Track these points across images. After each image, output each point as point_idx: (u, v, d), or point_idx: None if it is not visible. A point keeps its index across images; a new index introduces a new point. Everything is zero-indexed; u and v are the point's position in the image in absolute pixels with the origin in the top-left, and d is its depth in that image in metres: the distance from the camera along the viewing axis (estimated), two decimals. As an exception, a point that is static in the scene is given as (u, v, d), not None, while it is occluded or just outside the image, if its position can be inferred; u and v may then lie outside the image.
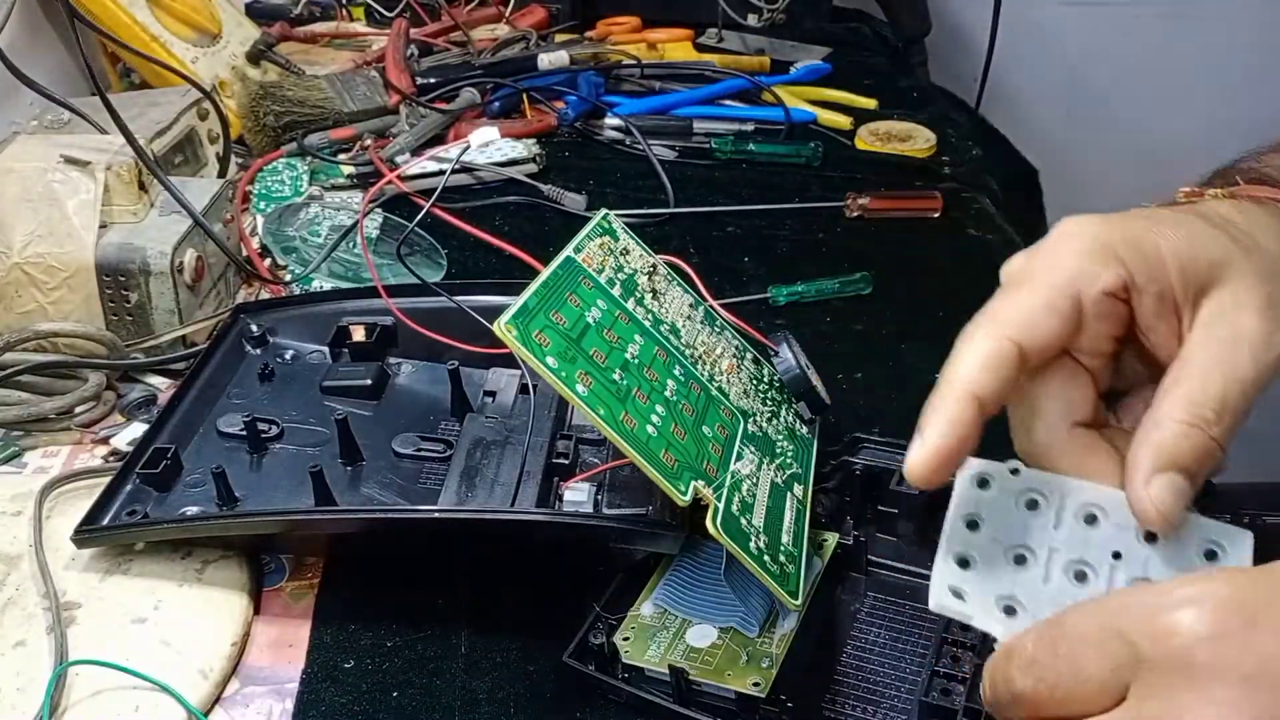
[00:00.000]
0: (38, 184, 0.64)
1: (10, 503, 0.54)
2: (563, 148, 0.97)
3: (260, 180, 0.85)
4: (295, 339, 0.63)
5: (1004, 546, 0.37)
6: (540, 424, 0.54)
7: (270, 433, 0.56)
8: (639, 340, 0.47)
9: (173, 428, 0.56)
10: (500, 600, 0.50)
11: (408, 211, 0.84)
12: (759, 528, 0.44)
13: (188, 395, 0.58)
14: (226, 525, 0.51)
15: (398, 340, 0.61)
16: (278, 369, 0.61)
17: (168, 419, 0.56)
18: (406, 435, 0.56)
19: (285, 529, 0.51)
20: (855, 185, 0.87)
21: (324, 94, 0.94)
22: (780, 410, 0.53)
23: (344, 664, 0.47)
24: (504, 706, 0.45)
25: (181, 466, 0.54)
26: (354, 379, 0.58)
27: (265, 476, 0.54)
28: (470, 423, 0.55)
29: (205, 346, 0.62)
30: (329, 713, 0.45)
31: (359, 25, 1.21)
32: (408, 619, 0.49)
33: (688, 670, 0.42)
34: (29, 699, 0.44)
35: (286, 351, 0.62)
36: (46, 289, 0.64)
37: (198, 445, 0.56)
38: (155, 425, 0.56)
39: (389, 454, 0.55)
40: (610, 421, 0.42)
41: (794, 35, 1.24)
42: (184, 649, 0.47)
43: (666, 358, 0.48)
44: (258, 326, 0.63)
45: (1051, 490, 0.37)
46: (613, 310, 0.47)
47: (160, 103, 0.79)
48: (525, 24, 1.20)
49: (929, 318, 0.70)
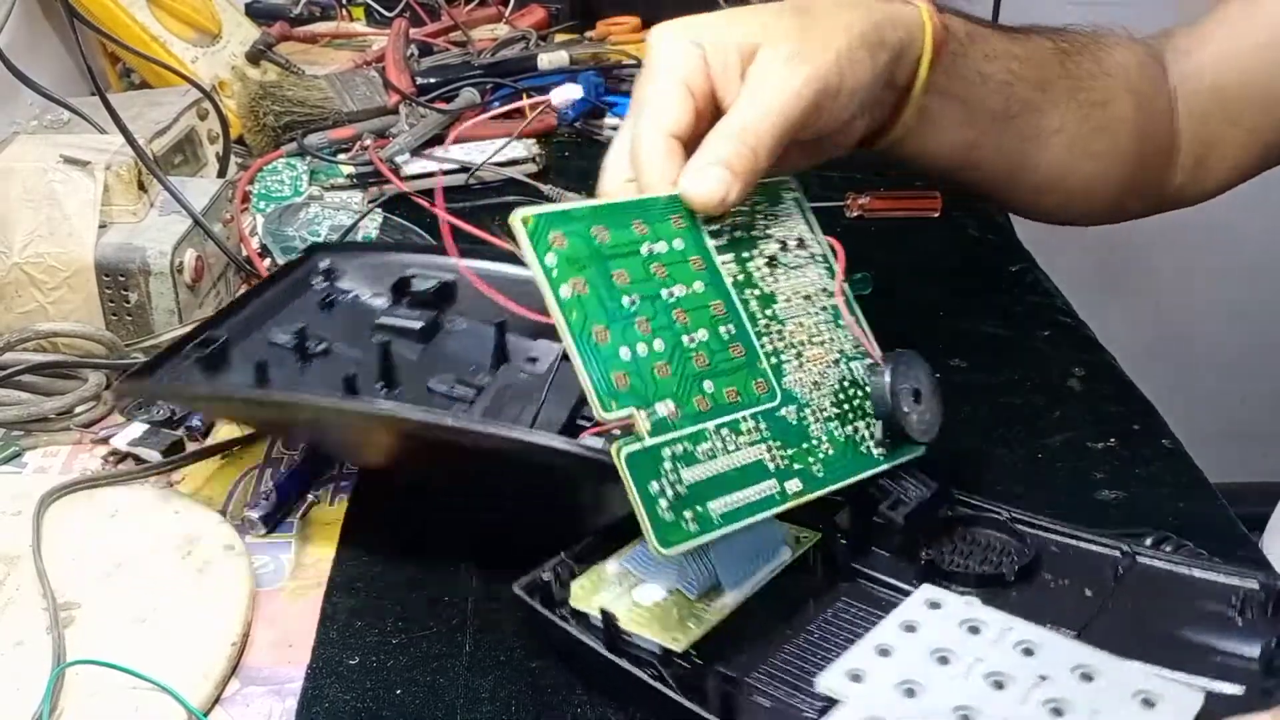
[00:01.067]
0: (38, 184, 0.64)
1: (10, 503, 0.54)
2: (563, 148, 0.97)
3: (260, 180, 0.85)
4: (361, 284, 0.65)
5: (931, 648, 0.37)
6: (571, 382, 0.52)
7: (317, 349, 0.58)
8: (696, 286, 0.45)
9: (227, 326, 0.58)
10: (504, 599, 0.50)
11: (407, 211, 0.84)
12: (681, 479, 0.42)
13: (247, 307, 0.60)
14: (255, 403, 0.55)
15: (456, 297, 0.63)
16: (338, 303, 0.63)
17: (223, 320, 0.59)
18: (444, 376, 0.57)
19: (307, 415, 0.53)
20: (855, 185, 0.86)
21: (324, 94, 0.94)
22: (852, 419, 0.49)
23: (349, 660, 0.47)
24: (505, 705, 0.45)
25: (229, 361, 0.56)
26: (407, 321, 0.61)
27: (303, 383, 0.57)
28: (504, 370, 0.57)
29: (273, 273, 0.65)
30: (333, 709, 0.45)
31: (359, 25, 1.22)
32: (413, 617, 0.50)
33: (617, 617, 0.43)
34: (28, 699, 0.43)
35: (349, 294, 0.64)
36: (46, 289, 0.64)
37: (247, 349, 0.58)
38: (211, 321, 0.59)
39: (423, 389, 0.57)
40: (575, 326, 0.40)
41: (794, 35, 1.24)
42: (184, 649, 0.47)
43: (722, 313, 0.45)
44: (326, 262, 0.65)
45: (997, 622, 0.37)
46: (688, 252, 0.45)
47: (160, 103, 0.79)
48: (525, 24, 1.20)
49: (929, 317, 0.70)
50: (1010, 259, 0.80)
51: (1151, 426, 0.62)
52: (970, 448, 0.59)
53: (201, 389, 0.56)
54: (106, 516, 0.54)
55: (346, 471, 0.59)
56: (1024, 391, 0.65)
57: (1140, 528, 0.49)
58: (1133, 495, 0.56)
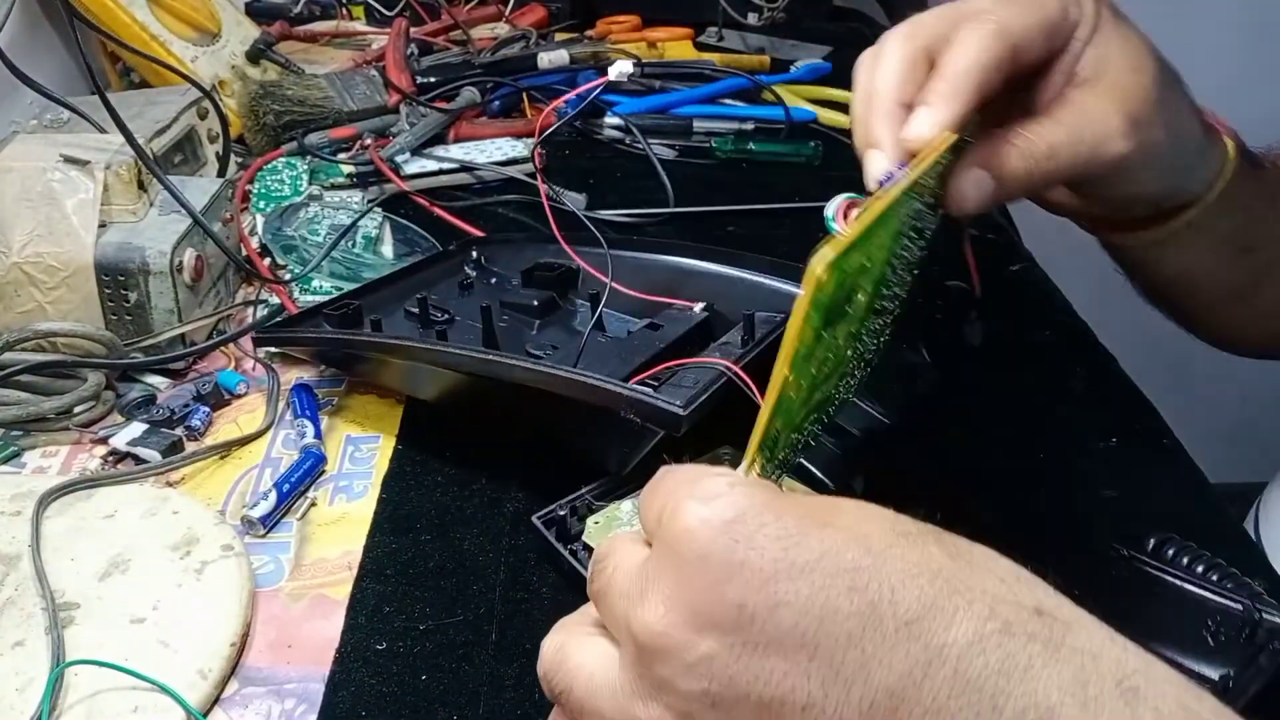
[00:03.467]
0: (37, 183, 0.64)
1: (9, 503, 0.54)
2: (563, 147, 0.97)
3: (260, 179, 0.85)
4: (505, 270, 0.73)
5: None
6: (647, 347, 0.57)
7: (440, 319, 0.66)
8: (868, 291, 0.39)
9: (369, 298, 0.68)
10: (531, 588, 0.51)
11: (407, 210, 0.84)
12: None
13: (394, 284, 0.71)
14: (360, 344, 0.62)
15: (578, 283, 0.69)
16: (477, 286, 0.72)
17: (367, 292, 0.69)
18: (543, 343, 0.63)
19: (409, 355, 0.59)
20: (855, 184, 0.86)
21: (324, 93, 0.94)
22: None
23: (376, 645, 0.48)
24: (529, 692, 0.46)
25: (361, 323, 0.65)
26: (526, 299, 0.67)
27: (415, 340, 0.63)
28: (590, 337, 0.61)
29: (428, 256, 0.75)
30: (359, 692, 0.46)
31: (359, 24, 1.22)
32: (441, 604, 0.50)
33: None
34: (28, 699, 0.44)
35: (493, 277, 0.73)
36: (46, 288, 0.64)
37: (382, 315, 0.65)
38: (354, 293, 0.69)
39: (522, 352, 0.62)
40: (795, 391, 0.36)
41: (794, 34, 1.25)
42: (183, 649, 0.47)
43: (864, 324, 0.42)
44: (478, 253, 0.74)
45: None
46: (886, 256, 0.40)
47: (160, 102, 0.79)
48: (525, 23, 1.20)
49: (930, 317, 0.70)
50: (1011, 259, 0.80)
51: (1151, 426, 0.62)
52: (970, 447, 0.59)
53: (329, 335, 0.64)
54: (105, 516, 0.54)
55: (346, 471, 0.59)
56: (1024, 391, 0.65)
57: (1140, 528, 0.49)
58: (1133, 495, 0.56)
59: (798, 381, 0.36)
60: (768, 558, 0.30)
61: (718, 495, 0.31)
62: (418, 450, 0.60)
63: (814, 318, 0.34)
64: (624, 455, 0.52)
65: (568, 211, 0.78)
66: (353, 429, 0.62)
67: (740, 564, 0.30)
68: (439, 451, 0.59)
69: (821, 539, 0.30)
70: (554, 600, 0.50)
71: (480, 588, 0.51)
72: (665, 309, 0.62)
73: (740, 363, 0.50)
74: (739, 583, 0.30)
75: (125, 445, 0.59)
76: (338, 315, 0.65)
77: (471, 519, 0.55)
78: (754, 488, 0.32)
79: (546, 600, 0.50)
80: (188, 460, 0.59)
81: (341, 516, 0.56)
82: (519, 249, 0.75)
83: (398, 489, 0.58)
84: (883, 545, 0.30)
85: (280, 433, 0.62)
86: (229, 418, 0.63)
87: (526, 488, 0.56)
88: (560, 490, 0.52)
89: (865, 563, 0.29)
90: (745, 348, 0.55)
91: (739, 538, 0.30)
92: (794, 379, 0.35)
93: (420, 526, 0.55)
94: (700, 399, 0.47)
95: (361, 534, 0.55)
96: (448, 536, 0.54)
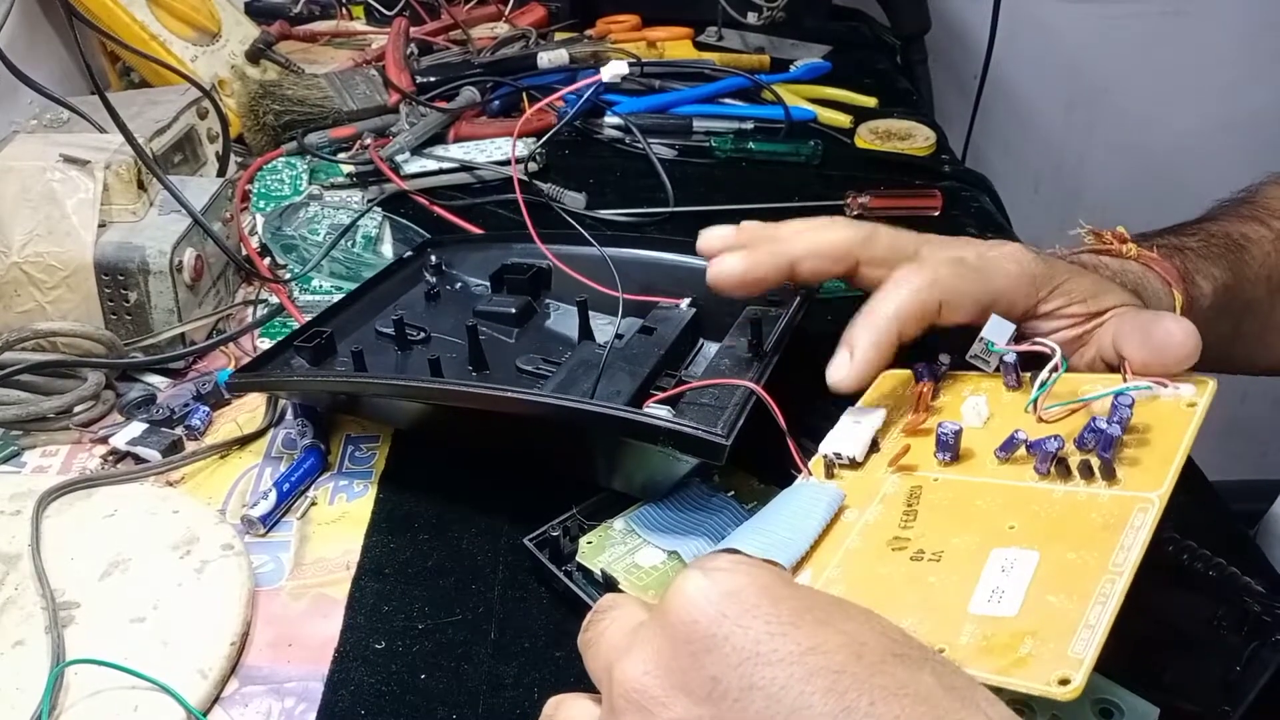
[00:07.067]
0: (37, 183, 0.64)
1: (9, 502, 0.54)
2: (563, 146, 0.97)
3: (260, 179, 0.85)
4: (469, 273, 0.71)
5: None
6: (647, 356, 0.55)
7: (417, 337, 0.64)
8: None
9: (336, 321, 0.64)
10: (530, 589, 0.51)
11: (406, 210, 0.84)
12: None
13: (359, 301, 0.67)
14: (341, 383, 0.58)
15: (551, 283, 0.67)
16: (444, 294, 0.69)
17: (334, 315, 0.65)
18: (531, 356, 0.61)
19: (393, 393, 0.57)
20: (855, 184, 0.86)
21: (324, 93, 0.94)
22: None
23: (375, 644, 0.48)
24: (527, 691, 0.46)
25: (335, 351, 0.62)
26: (502, 307, 0.65)
27: (402, 370, 0.62)
28: (582, 347, 0.60)
29: (387, 267, 0.71)
30: (358, 692, 0.46)
31: (359, 24, 1.22)
32: (440, 604, 0.50)
33: (618, 580, 0.46)
34: (28, 699, 0.44)
35: (457, 282, 0.71)
36: (45, 288, 0.64)
37: (355, 339, 0.64)
38: (320, 317, 0.65)
39: (511, 369, 0.60)
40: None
41: (794, 33, 1.24)
42: (183, 648, 0.47)
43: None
44: (437, 258, 0.71)
45: None
46: None
47: (159, 101, 0.79)
48: (525, 22, 1.20)
49: (929, 316, 0.69)
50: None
51: (1151, 426, 0.61)
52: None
53: (301, 378, 0.61)
54: (105, 516, 0.54)
55: (346, 471, 0.59)
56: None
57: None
58: (1132, 494, 0.56)
59: None
60: (750, 638, 0.30)
61: (720, 569, 0.32)
62: (417, 450, 0.60)
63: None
64: (655, 485, 0.51)
65: (547, 208, 0.78)
66: (353, 429, 0.62)
67: (723, 639, 0.31)
68: (438, 451, 0.59)
69: (813, 634, 0.30)
70: (552, 600, 0.50)
71: (479, 587, 0.51)
72: (652, 308, 0.61)
73: (761, 381, 0.49)
74: (717, 656, 0.31)
75: (125, 445, 0.59)
76: (310, 348, 0.61)
77: (470, 519, 0.55)
78: (759, 570, 0.33)
79: (545, 600, 0.50)
80: (188, 460, 0.59)
81: (341, 516, 0.56)
82: (477, 248, 0.73)
83: (397, 489, 0.58)
84: (875, 658, 0.30)
85: (280, 432, 0.62)
86: (229, 417, 0.63)
87: (526, 487, 0.56)
88: (559, 488, 0.52)
89: (851, 669, 0.29)
90: (760, 360, 0.52)
91: (729, 613, 0.31)
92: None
93: (419, 526, 0.55)
94: (738, 423, 0.46)
95: (361, 533, 0.55)
96: (446, 536, 0.54)
